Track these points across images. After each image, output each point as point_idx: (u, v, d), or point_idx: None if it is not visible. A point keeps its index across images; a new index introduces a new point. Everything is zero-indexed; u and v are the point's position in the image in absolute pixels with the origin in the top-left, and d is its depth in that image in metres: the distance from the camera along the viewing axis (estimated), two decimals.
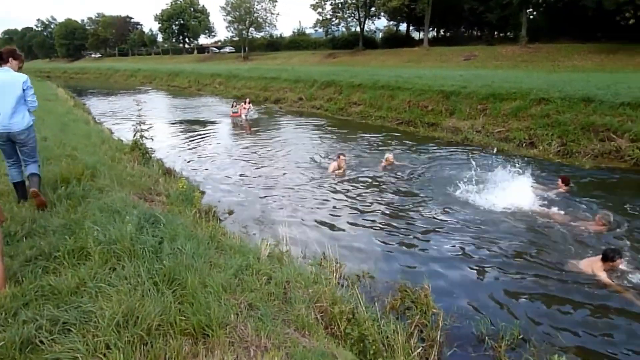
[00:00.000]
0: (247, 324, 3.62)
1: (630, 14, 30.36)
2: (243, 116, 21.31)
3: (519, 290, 5.93)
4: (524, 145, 13.85)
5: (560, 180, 9.77)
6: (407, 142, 15.44)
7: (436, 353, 4.63)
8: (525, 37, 40.21)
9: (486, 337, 4.90)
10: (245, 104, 21.99)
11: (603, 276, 6.00)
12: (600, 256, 6.15)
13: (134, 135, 10.76)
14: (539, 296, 5.78)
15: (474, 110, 16.54)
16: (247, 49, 71.13)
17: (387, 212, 8.80)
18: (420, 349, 4.53)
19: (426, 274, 6.23)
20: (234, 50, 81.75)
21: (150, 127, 10.95)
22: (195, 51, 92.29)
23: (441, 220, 8.33)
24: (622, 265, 6.20)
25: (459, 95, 17.57)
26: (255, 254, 5.29)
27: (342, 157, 11.51)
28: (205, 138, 17.17)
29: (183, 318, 3.49)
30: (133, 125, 10.93)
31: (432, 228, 7.98)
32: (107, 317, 3.32)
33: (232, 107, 22.30)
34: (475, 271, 6.49)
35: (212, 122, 21.40)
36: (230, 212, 8.93)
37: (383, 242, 7.52)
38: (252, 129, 19.22)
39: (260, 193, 10.14)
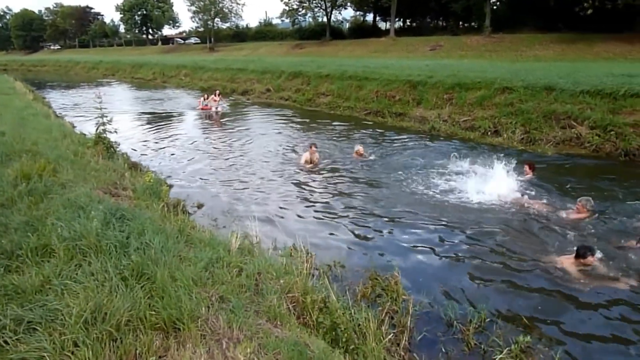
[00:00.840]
0: (219, 316, 3.61)
1: (589, 4, 31.31)
2: (213, 109, 20.96)
3: (486, 277, 6.08)
4: (489, 133, 14.18)
5: (527, 166, 10.03)
6: (376, 132, 15.56)
7: (407, 338, 4.72)
8: (489, 28, 40.97)
9: (455, 321, 5.02)
10: (215, 96, 21.63)
11: (573, 274, 5.91)
12: (574, 253, 6.07)
13: (97, 129, 10.46)
14: (506, 283, 5.95)
15: (441, 100, 16.81)
16: (212, 39, 69.97)
17: (357, 202, 8.86)
18: (391, 335, 4.61)
19: (396, 262, 6.34)
20: (199, 41, 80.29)
21: (113, 121, 10.62)
22: (160, 42, 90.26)
23: (412, 210, 8.40)
24: (596, 261, 6.03)
25: (426, 85, 17.80)
26: (225, 247, 5.26)
27: (313, 147, 11.50)
28: (173, 131, 16.86)
29: (153, 313, 3.45)
30: (95, 118, 10.62)
31: (403, 218, 8.06)
32: (74, 315, 3.24)
33: (203, 99, 21.79)
34: (445, 259, 6.62)
35: (180, 115, 21.04)
36: (200, 206, 8.83)
37: (353, 232, 7.57)
38: (221, 121, 18.99)
39: (230, 186, 10.05)
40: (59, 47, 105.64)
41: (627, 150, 11.44)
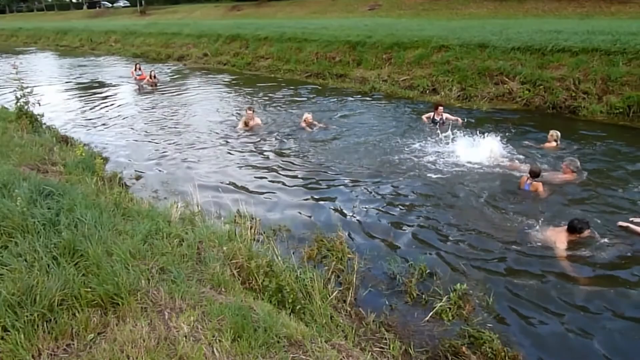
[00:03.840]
0: (160, 287, 3.53)
1: None
2: (147, 79, 19.76)
3: (428, 231, 6.33)
4: (427, 92, 14.47)
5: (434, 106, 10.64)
6: (318, 94, 15.46)
7: (352, 294, 4.86)
8: None
9: (397, 275, 5.21)
10: (150, 77, 20.20)
11: (561, 248, 5.61)
12: (566, 227, 5.75)
13: (17, 102, 9.71)
14: (444, 234, 6.22)
15: (380, 60, 16.87)
16: (143, 2, 66.03)
17: (302, 166, 8.85)
18: (338, 292, 4.71)
19: (342, 222, 6.45)
20: (128, 5, 75.47)
21: (36, 92, 9.88)
22: (85, 6, 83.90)
23: (358, 171, 8.48)
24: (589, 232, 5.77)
25: (365, 45, 17.77)
26: (165, 218, 5.13)
27: (250, 110, 11.29)
28: (106, 102, 15.89)
29: (89, 290, 3.33)
30: (15, 90, 9.83)
31: (350, 180, 8.11)
32: (0, 298, 3.07)
33: (135, 69, 20.39)
34: (386, 216, 6.79)
35: (113, 85, 19.82)
36: (138, 177, 8.52)
37: (299, 196, 7.59)
38: (158, 89, 18.11)
39: (169, 155, 9.73)
40: None
41: (554, 103, 12.03)
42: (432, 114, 11.00)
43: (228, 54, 23.56)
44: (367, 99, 14.52)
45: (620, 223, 6.09)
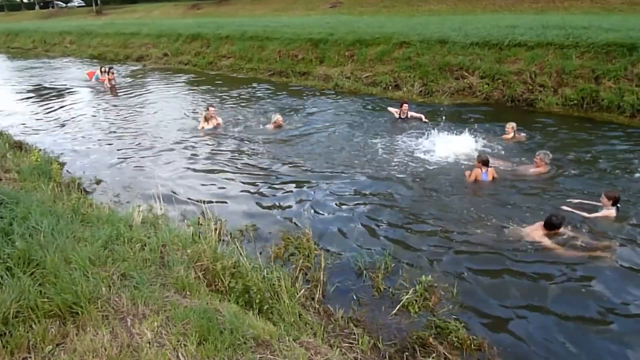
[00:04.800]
0: (122, 294, 3.45)
1: None
2: (106, 82, 18.97)
3: (394, 225, 6.40)
4: (390, 88, 14.59)
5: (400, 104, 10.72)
6: (281, 93, 15.38)
7: (320, 291, 4.86)
8: None
9: (364, 270, 5.25)
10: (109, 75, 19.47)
11: (548, 243, 5.63)
12: (542, 223, 5.74)
13: None
14: (409, 227, 6.30)
15: (342, 57, 16.91)
16: (99, 2, 64.09)
17: (267, 166, 8.76)
18: (306, 290, 4.71)
19: (309, 220, 6.47)
20: (83, 4, 73.06)
21: None
22: (37, 6, 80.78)
23: (325, 170, 8.44)
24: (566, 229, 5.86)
25: (327, 42, 17.77)
26: (126, 222, 5.01)
27: (210, 108, 11.11)
28: (62, 105, 15.29)
29: (46, 300, 3.21)
30: None
31: (316, 178, 8.09)
32: None
33: (100, 72, 19.49)
34: (353, 212, 6.83)
35: (68, 87, 19.11)
36: (98, 182, 8.27)
37: (264, 195, 7.52)
38: (117, 91, 17.56)
39: (130, 158, 9.48)
40: None
41: (512, 96, 12.37)
42: (398, 110, 11.12)
43: (189, 54, 23.14)
44: (331, 96, 14.54)
45: (563, 207, 6.40)
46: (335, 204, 7.08)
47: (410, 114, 11.05)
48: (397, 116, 11.09)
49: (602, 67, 11.51)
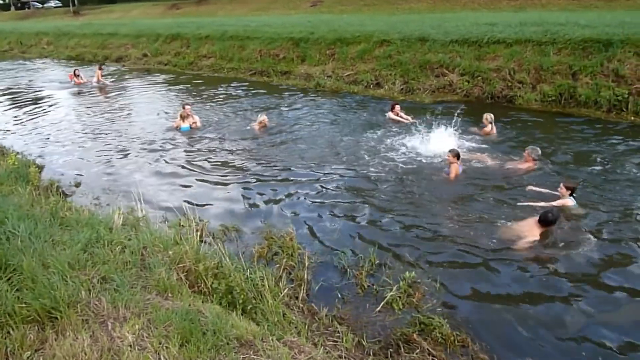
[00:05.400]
0: (102, 297, 3.40)
1: None
2: (94, 82, 18.46)
3: (376, 223, 6.42)
4: (371, 86, 14.64)
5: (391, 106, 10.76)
6: (263, 92, 15.33)
7: (305, 290, 4.86)
8: None
9: (348, 268, 5.26)
10: (99, 70, 19.01)
11: (534, 240, 5.61)
12: (537, 218, 5.72)
13: None
14: (392, 224, 6.33)
15: (324, 56, 16.93)
16: (76, 2, 63.02)
17: (250, 166, 8.70)
18: (287, 289, 4.69)
19: (292, 219, 6.46)
20: (60, 5, 71.79)
21: None
22: (12, 7, 79.14)
23: (310, 168, 8.43)
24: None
25: (308, 41, 17.77)
26: (107, 225, 4.94)
27: (186, 107, 11.02)
28: (40, 107, 14.99)
29: (23, 305, 3.15)
30: None
31: (299, 177, 8.08)
32: None
33: (75, 74, 19.03)
34: (336, 210, 6.83)
35: (46, 89, 18.68)
36: (77, 185, 8.14)
37: (246, 196, 7.47)
38: (106, 90, 17.24)
39: (111, 160, 9.35)
40: None
41: (492, 93, 12.51)
42: (391, 112, 10.98)
43: (169, 54, 22.91)
44: (313, 95, 14.54)
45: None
46: (319, 203, 7.08)
47: (401, 114, 10.97)
48: (392, 117, 10.87)
49: (579, 63, 11.69)
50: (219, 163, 8.87)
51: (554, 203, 6.32)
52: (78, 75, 18.67)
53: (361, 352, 4.00)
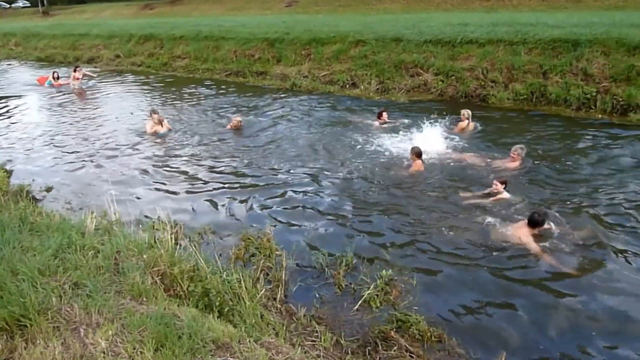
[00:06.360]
0: (74, 303, 3.33)
1: None
2: (76, 85, 17.88)
3: (352, 222, 6.45)
4: (347, 86, 14.71)
5: (377, 115, 10.68)
6: (238, 93, 15.23)
7: (282, 291, 4.84)
8: None
9: (326, 268, 5.26)
10: (76, 73, 18.43)
11: (533, 245, 5.55)
12: (526, 221, 5.71)
13: None
14: (368, 223, 6.37)
15: (299, 56, 16.92)
16: (45, 2, 61.52)
17: (225, 168, 8.63)
18: (265, 290, 4.67)
19: (269, 220, 6.44)
20: (29, 5, 70.02)
21: None
22: None
23: (285, 169, 8.40)
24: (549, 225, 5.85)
25: (283, 42, 17.73)
26: (78, 230, 4.83)
27: (154, 114, 10.83)
28: (8, 110, 14.55)
29: None
30: None
31: (276, 178, 8.04)
32: None
33: (53, 77, 18.31)
34: (313, 210, 6.84)
35: (13, 91, 18.11)
36: (49, 189, 7.94)
37: (222, 198, 7.40)
38: (69, 95, 16.77)
39: (83, 164, 9.13)
40: None
41: (466, 92, 12.70)
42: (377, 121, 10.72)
43: (142, 55, 22.56)
44: (289, 95, 14.51)
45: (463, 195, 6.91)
46: (296, 203, 7.08)
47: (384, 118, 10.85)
48: (378, 124, 10.59)
49: (549, 63, 11.98)
50: (194, 165, 8.78)
51: (496, 198, 6.69)
52: (57, 78, 18.12)
53: (339, 350, 4.01)
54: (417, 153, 7.81)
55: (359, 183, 7.64)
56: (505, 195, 6.73)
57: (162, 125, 10.77)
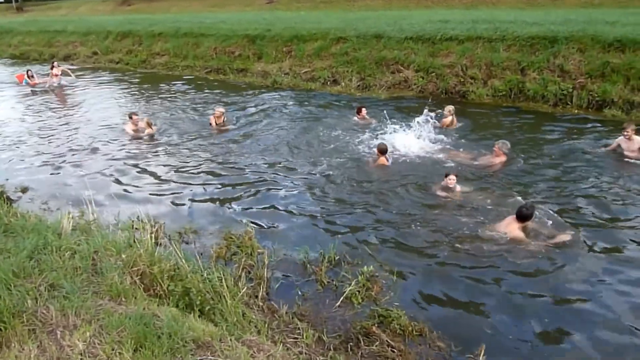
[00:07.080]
0: (50, 305, 3.26)
1: None
2: (49, 83, 17.43)
3: (334, 218, 6.45)
4: (328, 83, 14.73)
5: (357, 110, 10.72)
6: (219, 90, 15.11)
7: (264, 289, 4.83)
8: None
9: (308, 265, 5.26)
10: (54, 70, 17.89)
11: (523, 238, 5.60)
12: (514, 216, 5.70)
13: None
14: (350, 219, 6.38)
15: (280, 53, 16.87)
16: None
17: (205, 166, 8.55)
18: (246, 288, 4.64)
19: (250, 218, 6.40)
20: (2, 1, 68.29)
21: None
22: None
23: (270, 167, 8.36)
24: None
25: (264, 39, 17.65)
26: (55, 231, 4.74)
27: (134, 116, 10.62)
28: None
29: None
30: None
31: (261, 177, 7.96)
32: None
33: (27, 75, 17.80)
34: (295, 207, 6.82)
35: None
36: (24, 190, 7.78)
37: (204, 196, 7.36)
38: (46, 93, 16.40)
39: (60, 163, 8.96)
40: None
41: (446, 89, 12.82)
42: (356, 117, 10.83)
43: (120, 52, 22.21)
44: (270, 92, 14.45)
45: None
46: (277, 200, 7.06)
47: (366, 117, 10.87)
48: (357, 120, 10.69)
49: (527, 59, 12.16)
50: (175, 164, 8.69)
51: (445, 193, 6.89)
52: (32, 76, 17.66)
53: (322, 347, 4.01)
54: (381, 150, 7.94)
55: (339, 179, 7.65)
56: (458, 188, 6.89)
57: (143, 126, 10.57)
